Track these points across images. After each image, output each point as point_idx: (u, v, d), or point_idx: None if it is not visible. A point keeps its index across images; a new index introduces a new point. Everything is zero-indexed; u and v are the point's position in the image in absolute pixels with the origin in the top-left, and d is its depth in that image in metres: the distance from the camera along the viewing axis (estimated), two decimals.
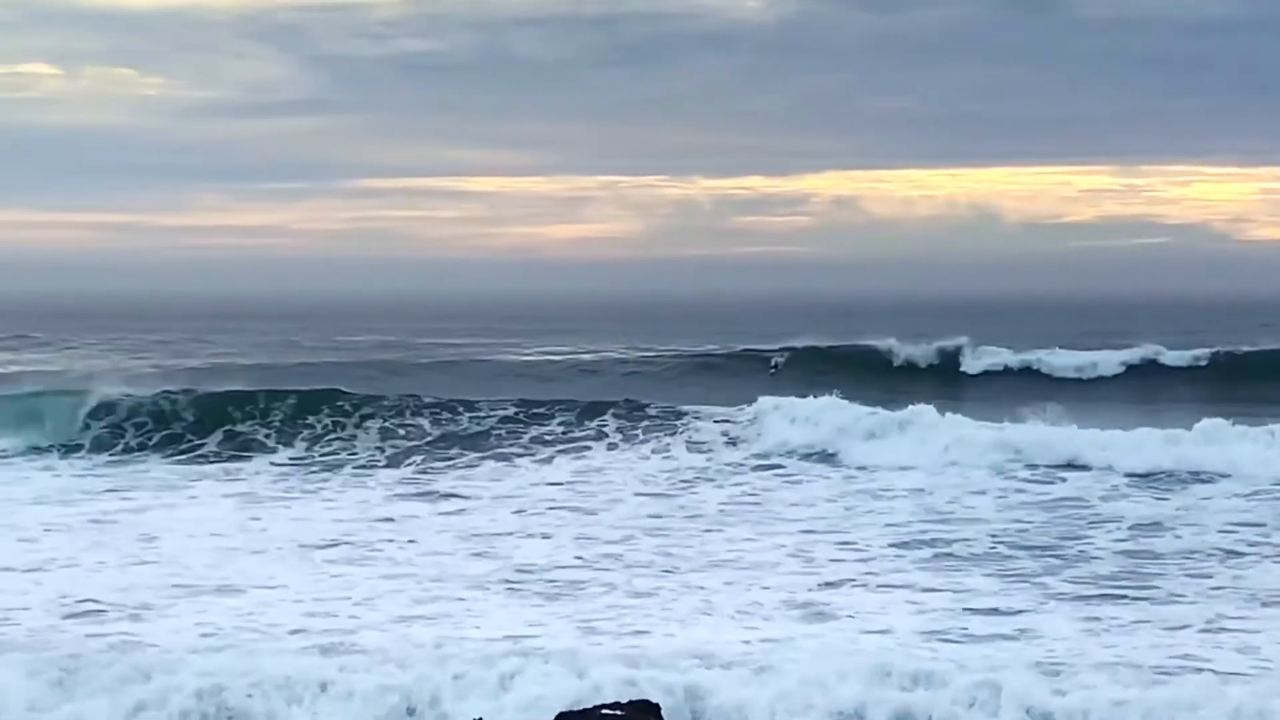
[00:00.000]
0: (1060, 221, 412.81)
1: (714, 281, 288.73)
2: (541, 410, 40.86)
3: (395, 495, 32.91)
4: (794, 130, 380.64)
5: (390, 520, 29.61)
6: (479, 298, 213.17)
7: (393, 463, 37.33)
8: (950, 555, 25.60)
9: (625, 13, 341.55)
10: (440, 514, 30.35)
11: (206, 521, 29.42)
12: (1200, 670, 18.05)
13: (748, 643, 19.14)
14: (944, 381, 52.34)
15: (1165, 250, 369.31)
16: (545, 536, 27.66)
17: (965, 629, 20.39)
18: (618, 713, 13.44)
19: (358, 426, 40.04)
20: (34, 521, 29.09)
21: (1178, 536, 26.96)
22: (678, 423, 39.57)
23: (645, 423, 39.72)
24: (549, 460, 37.10)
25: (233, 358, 67.34)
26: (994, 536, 27.07)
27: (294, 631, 20.23)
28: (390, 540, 27.31)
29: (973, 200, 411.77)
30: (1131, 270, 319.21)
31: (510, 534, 27.96)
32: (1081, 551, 25.84)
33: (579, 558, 25.48)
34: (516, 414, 40.69)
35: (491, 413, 40.77)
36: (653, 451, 37.61)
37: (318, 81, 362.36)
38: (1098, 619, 20.95)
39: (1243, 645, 19.48)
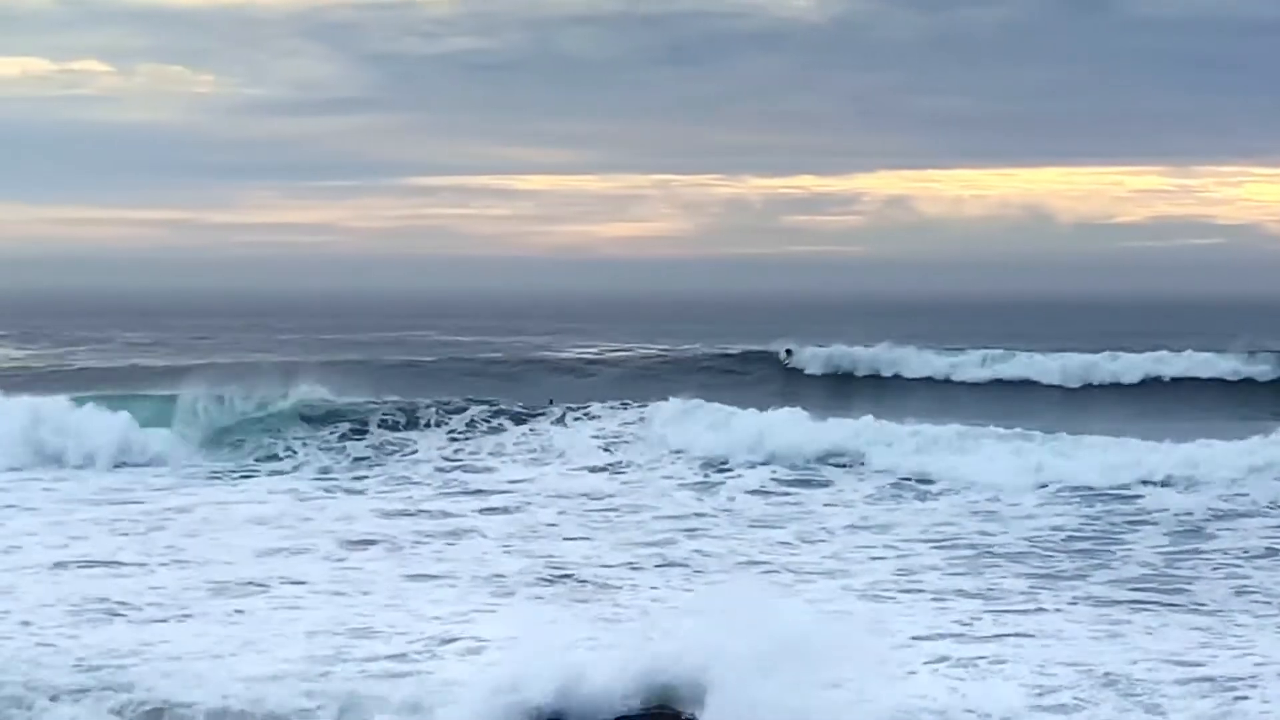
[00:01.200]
0: (1112, 222, 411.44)
1: (764, 281, 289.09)
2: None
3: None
4: (845, 129, 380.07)
5: None
6: (531, 296, 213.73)
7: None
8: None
9: (677, 11, 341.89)
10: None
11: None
12: None
13: None
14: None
15: (1218, 251, 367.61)
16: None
17: None
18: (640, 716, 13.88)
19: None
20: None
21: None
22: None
23: None
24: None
25: (350, 353, 68.61)
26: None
27: None
28: None
29: (1025, 200, 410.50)
30: (1184, 271, 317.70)
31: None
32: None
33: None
34: None
35: None
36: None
37: (369, 79, 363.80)
38: None
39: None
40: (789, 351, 56.79)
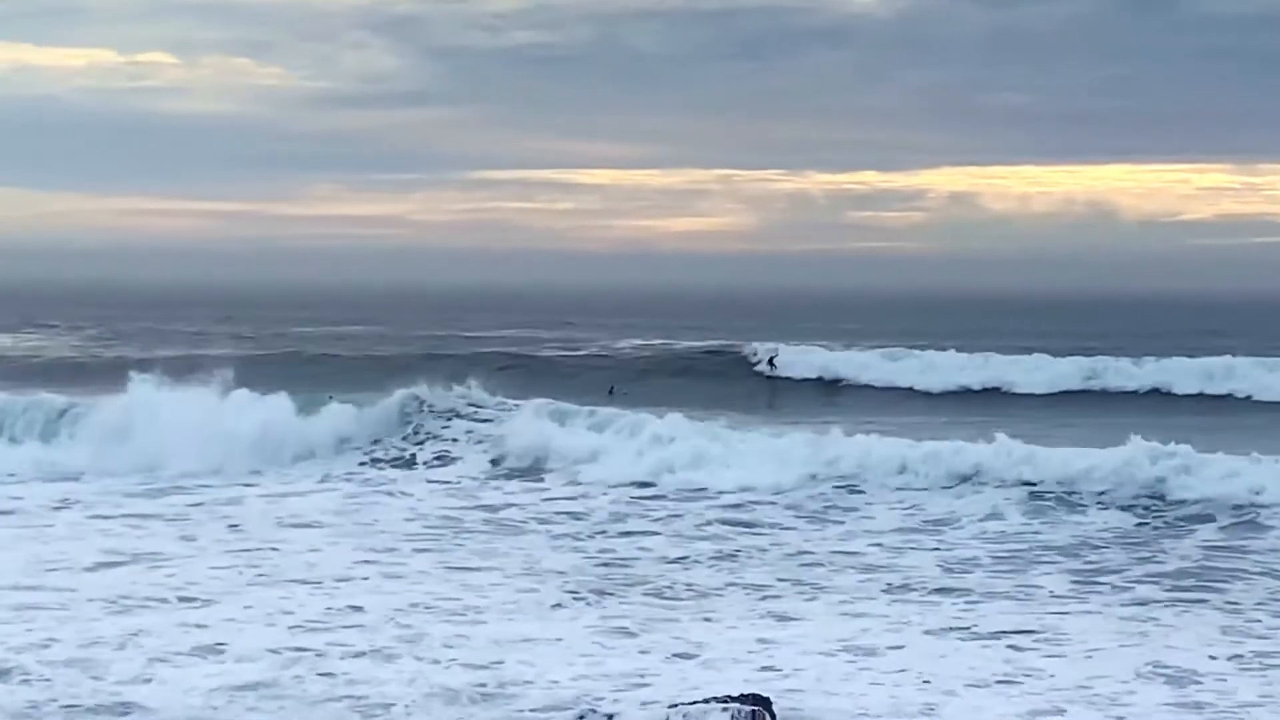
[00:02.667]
0: (1178, 219, 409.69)
1: (827, 276, 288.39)
2: None
3: None
4: (909, 125, 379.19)
5: None
6: (595, 290, 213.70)
7: None
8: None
9: (740, 7, 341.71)
10: None
11: None
12: None
13: None
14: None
15: None
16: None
17: None
18: (728, 705, 13.98)
19: None
20: None
21: None
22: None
23: None
24: None
25: (486, 346, 69.45)
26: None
27: None
28: None
29: (1090, 197, 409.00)
30: (1249, 268, 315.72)
31: None
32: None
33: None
34: None
35: None
36: None
37: (433, 73, 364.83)
38: None
39: None
40: (772, 362, 55.59)
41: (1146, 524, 29.48)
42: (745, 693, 14.07)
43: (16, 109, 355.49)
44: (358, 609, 21.54)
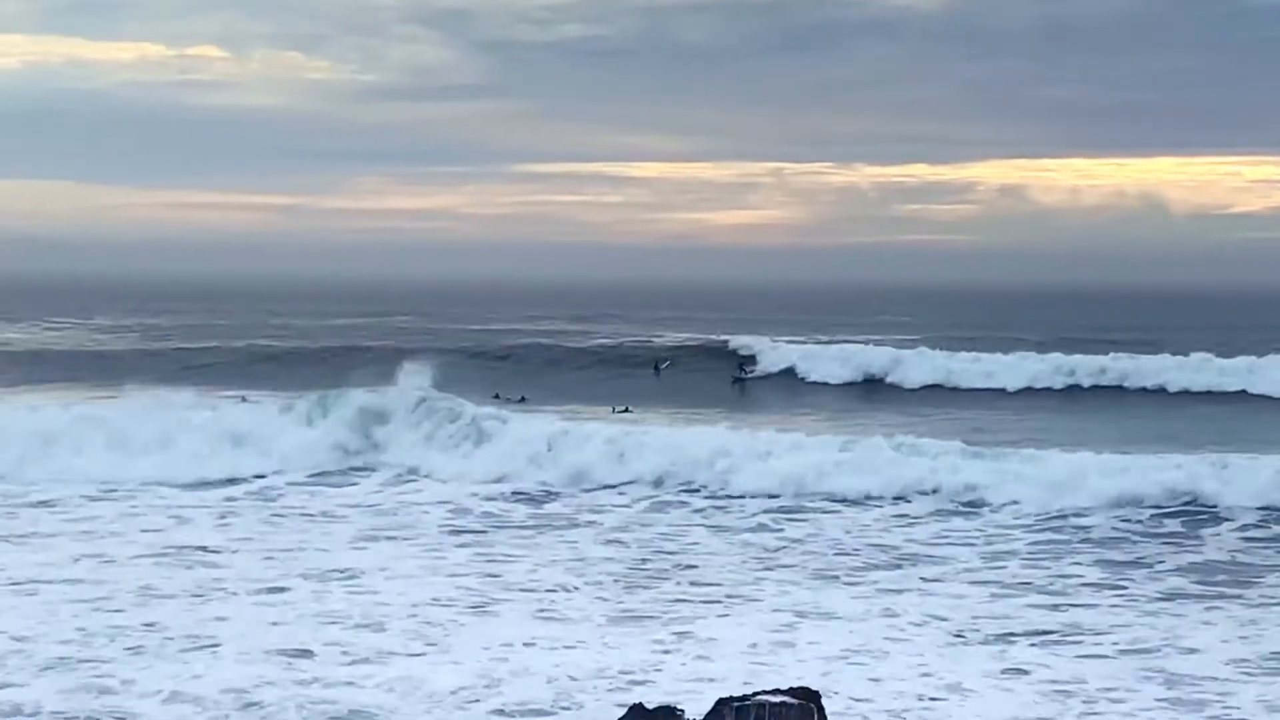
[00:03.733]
0: (1229, 212, 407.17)
1: (877, 269, 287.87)
2: None
3: None
4: (959, 118, 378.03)
5: None
6: (643, 283, 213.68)
7: None
8: None
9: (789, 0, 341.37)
10: None
11: None
12: None
13: None
14: None
15: None
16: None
17: None
18: (778, 699, 13.77)
19: None
20: None
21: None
22: None
23: None
24: None
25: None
26: None
27: None
28: None
29: (1140, 190, 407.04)
30: None
31: None
32: None
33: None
34: None
35: None
36: None
37: (483, 66, 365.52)
38: None
39: None
40: (741, 366, 54.71)
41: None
42: (795, 686, 13.81)
43: (67, 103, 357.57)
44: None
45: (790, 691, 14.51)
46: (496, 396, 48.23)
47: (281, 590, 22.11)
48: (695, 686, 16.91)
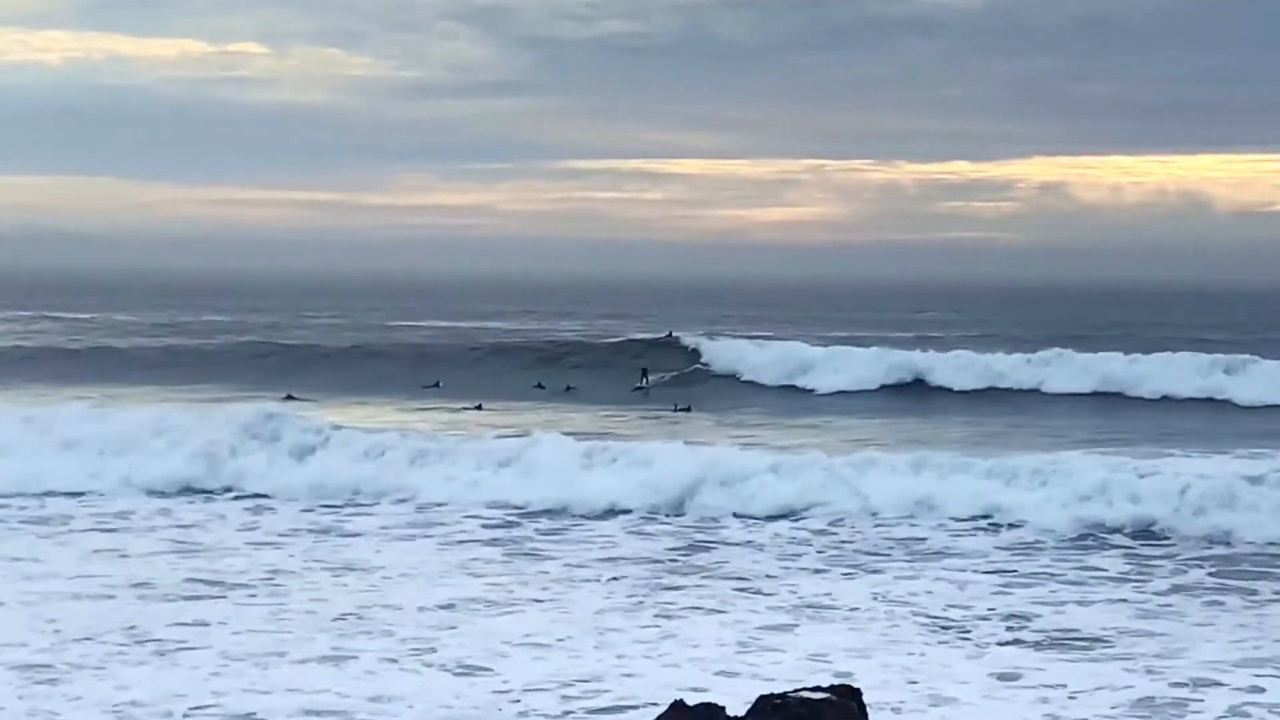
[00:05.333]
0: (1273, 209, 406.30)
1: (918, 266, 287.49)
2: None
3: None
4: (1000, 115, 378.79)
5: None
6: (685, 279, 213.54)
7: None
8: None
9: None
10: None
11: None
12: None
13: None
14: None
15: None
16: None
17: None
18: (819, 695, 13.45)
19: None
20: None
21: None
22: None
23: None
24: None
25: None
26: None
27: None
28: None
29: (1182, 187, 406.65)
30: None
31: None
32: None
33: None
34: None
35: None
36: None
37: (522, 62, 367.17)
38: None
39: None
40: (644, 373, 52.56)
41: None
42: (835, 684, 13.41)
43: (109, 99, 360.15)
44: None
45: (832, 689, 14.19)
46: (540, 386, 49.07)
47: None
48: (730, 684, 16.42)
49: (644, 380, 52.20)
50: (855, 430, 40.14)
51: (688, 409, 44.70)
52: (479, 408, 43.96)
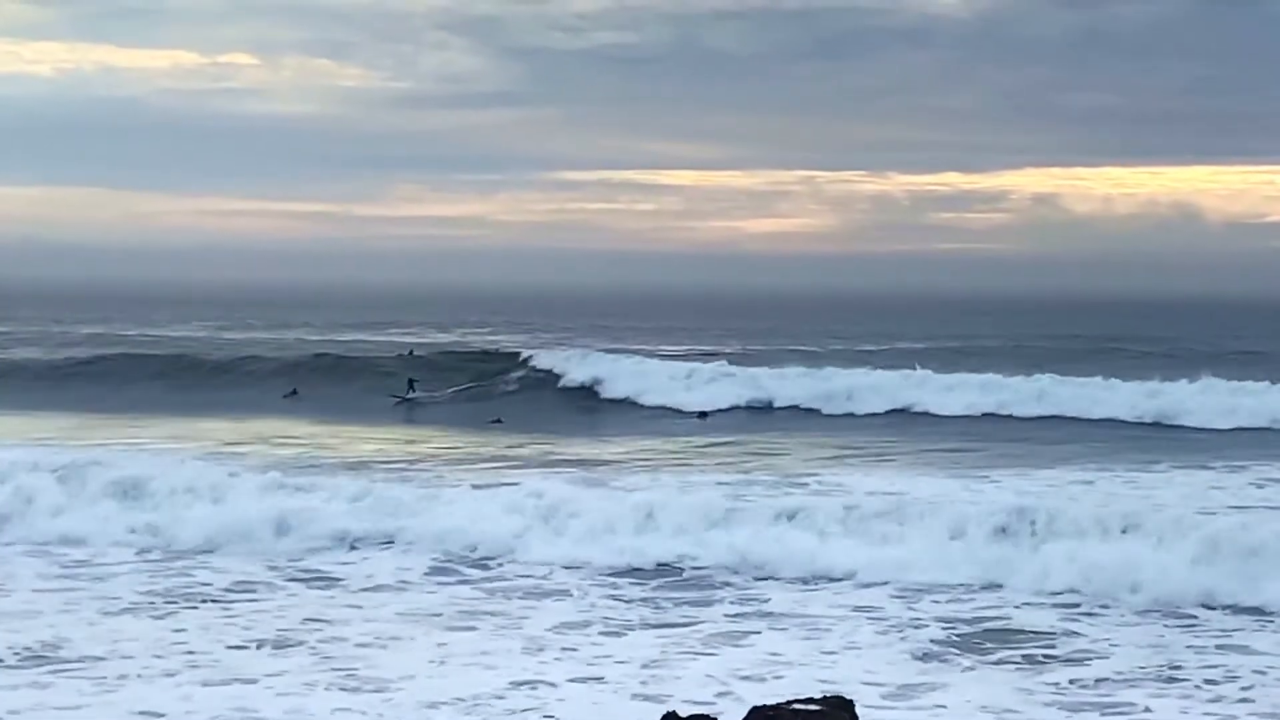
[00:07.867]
0: (1264, 221, 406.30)
1: (911, 278, 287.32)
2: None
3: None
4: (992, 126, 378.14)
5: None
6: (681, 291, 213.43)
7: None
8: None
9: (821, 7, 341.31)
10: None
11: None
12: None
13: None
14: None
15: None
16: None
17: None
18: (811, 708, 13.72)
19: None
20: None
21: None
22: None
23: None
24: None
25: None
26: None
27: None
28: None
29: (1174, 198, 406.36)
30: None
31: None
32: None
33: None
34: None
35: None
36: None
37: (514, 74, 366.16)
38: None
39: None
40: (411, 384, 51.87)
41: None
42: (827, 695, 13.76)
43: (100, 109, 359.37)
44: None
45: (823, 700, 14.46)
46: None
47: None
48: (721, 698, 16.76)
49: (410, 392, 51.78)
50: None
51: (498, 420, 45.36)
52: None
